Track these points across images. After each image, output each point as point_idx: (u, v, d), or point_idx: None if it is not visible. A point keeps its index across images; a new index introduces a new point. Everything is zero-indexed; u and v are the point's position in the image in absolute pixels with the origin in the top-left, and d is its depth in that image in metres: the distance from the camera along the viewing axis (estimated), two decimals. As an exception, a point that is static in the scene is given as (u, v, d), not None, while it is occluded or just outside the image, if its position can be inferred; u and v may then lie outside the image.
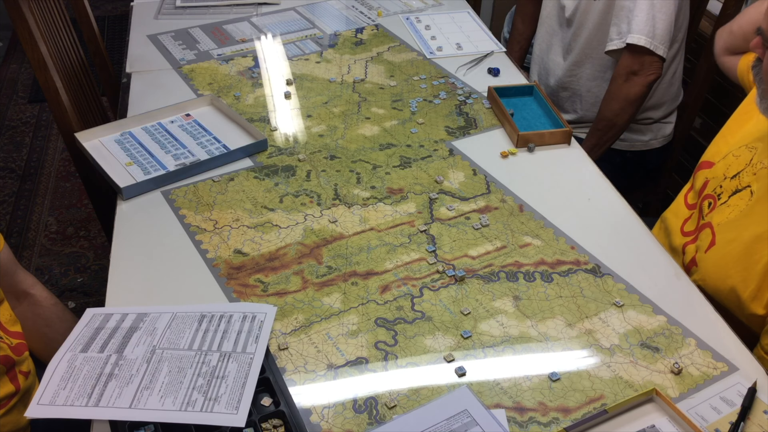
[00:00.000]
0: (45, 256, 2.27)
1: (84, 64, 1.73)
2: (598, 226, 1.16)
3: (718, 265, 1.05)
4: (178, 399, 0.85)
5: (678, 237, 1.22)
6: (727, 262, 1.04)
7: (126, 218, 1.17)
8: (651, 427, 0.85)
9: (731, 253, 1.04)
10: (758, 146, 1.10)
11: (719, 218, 1.09)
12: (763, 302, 0.98)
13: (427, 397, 0.88)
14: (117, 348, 0.92)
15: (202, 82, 1.55)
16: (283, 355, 0.94)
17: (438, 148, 1.35)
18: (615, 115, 1.60)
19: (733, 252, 1.04)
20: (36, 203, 2.51)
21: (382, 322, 0.99)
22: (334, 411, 0.86)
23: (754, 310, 0.99)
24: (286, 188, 1.24)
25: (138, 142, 1.33)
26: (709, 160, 1.20)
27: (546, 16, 1.81)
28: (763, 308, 0.98)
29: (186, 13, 1.86)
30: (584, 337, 0.97)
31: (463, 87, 1.54)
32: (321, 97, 1.51)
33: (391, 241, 1.13)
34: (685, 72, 1.79)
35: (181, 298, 1.02)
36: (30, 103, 3.08)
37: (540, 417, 0.86)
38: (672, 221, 1.25)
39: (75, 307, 2.07)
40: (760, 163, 1.08)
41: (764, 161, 1.07)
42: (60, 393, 0.86)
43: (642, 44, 1.50)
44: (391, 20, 1.84)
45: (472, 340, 0.96)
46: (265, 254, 1.10)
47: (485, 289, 1.04)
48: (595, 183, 1.27)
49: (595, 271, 1.07)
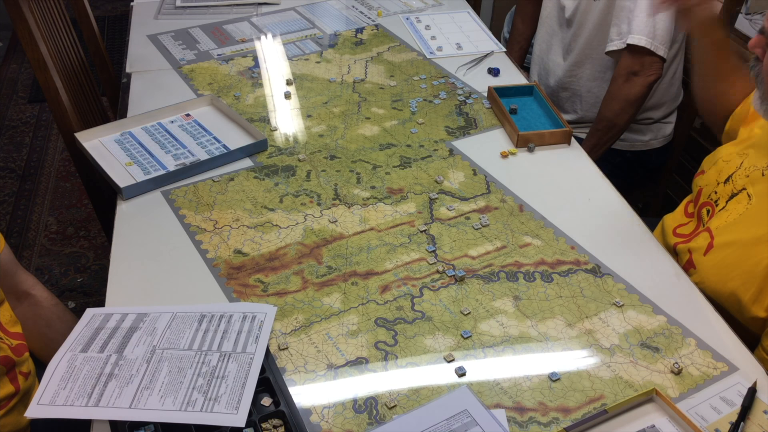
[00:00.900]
0: (45, 256, 2.27)
1: (84, 64, 1.73)
2: (598, 226, 1.16)
3: (718, 269, 1.05)
4: (178, 399, 0.85)
5: (670, 237, 1.23)
6: (726, 265, 1.04)
7: (126, 218, 1.17)
8: (651, 427, 0.85)
9: (731, 256, 1.04)
10: (749, 152, 1.11)
11: (718, 222, 1.09)
12: (764, 305, 0.98)
13: (427, 397, 0.88)
14: (117, 348, 0.92)
15: (202, 82, 1.55)
16: (283, 355, 0.94)
17: (438, 148, 1.35)
18: (615, 116, 1.60)
19: (733, 255, 1.04)
20: (36, 203, 2.51)
21: (382, 322, 0.99)
22: (334, 411, 0.86)
23: (756, 313, 0.99)
24: (286, 188, 1.24)
25: (138, 142, 1.33)
26: (703, 168, 1.21)
27: (546, 17, 1.81)
28: (765, 311, 0.98)
29: (186, 13, 1.86)
30: (584, 337, 0.97)
31: (463, 87, 1.54)
32: (321, 97, 1.51)
33: (391, 241, 1.13)
34: (685, 72, 1.79)
35: (181, 298, 1.02)
36: (30, 103, 3.08)
37: (540, 417, 0.86)
38: (668, 224, 1.25)
39: (75, 307, 2.07)
40: (753, 166, 1.08)
41: (757, 164, 1.07)
42: (60, 393, 0.86)
43: (642, 45, 1.50)
44: (391, 20, 1.84)
45: (472, 340, 0.96)
46: (265, 254, 1.10)
47: (485, 289, 1.04)
48: (595, 183, 1.27)
49: (595, 271, 1.07)
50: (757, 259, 1.00)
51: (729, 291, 1.02)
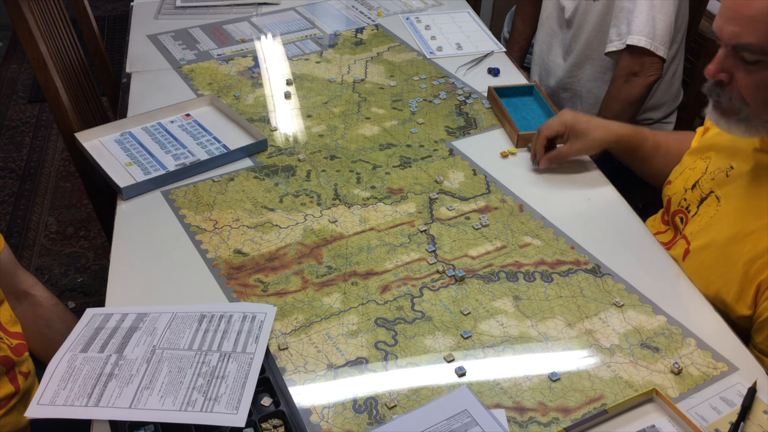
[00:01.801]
0: (45, 256, 2.27)
1: (84, 64, 1.73)
2: (598, 226, 1.16)
3: (698, 272, 1.05)
4: (178, 399, 0.85)
5: None
6: (705, 267, 1.04)
7: (126, 218, 1.17)
8: (651, 427, 0.85)
9: (708, 259, 1.04)
10: (711, 155, 1.11)
11: (691, 228, 1.10)
12: (747, 303, 0.98)
13: (427, 397, 0.88)
14: (117, 348, 0.92)
15: (202, 82, 1.55)
16: (283, 355, 0.94)
17: (438, 148, 1.35)
18: (615, 116, 1.59)
19: (710, 258, 1.03)
20: (36, 203, 2.51)
21: (382, 322, 0.99)
22: (334, 411, 0.86)
23: (741, 311, 0.98)
24: (286, 188, 1.24)
25: (138, 142, 1.33)
26: (669, 178, 1.21)
27: (546, 17, 1.81)
28: (748, 308, 0.98)
29: (186, 13, 1.86)
30: (584, 337, 0.97)
31: (463, 87, 1.54)
32: (321, 97, 1.51)
33: (391, 241, 1.13)
34: (685, 72, 1.80)
35: (181, 298, 1.02)
36: (30, 103, 3.08)
37: (540, 417, 0.86)
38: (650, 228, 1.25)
39: (75, 307, 2.07)
40: (718, 169, 1.08)
41: (720, 166, 1.08)
42: (60, 393, 0.86)
43: (642, 45, 1.50)
44: (391, 20, 1.84)
45: (472, 340, 0.96)
46: (265, 254, 1.10)
47: (485, 289, 1.04)
48: (595, 183, 1.27)
49: (595, 271, 1.07)
50: (734, 259, 0.99)
51: (713, 293, 1.02)
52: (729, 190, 1.05)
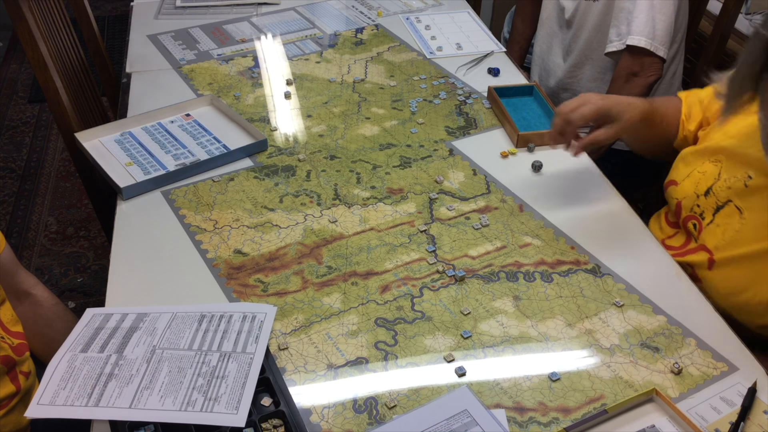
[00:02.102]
0: (45, 256, 2.28)
1: (84, 64, 1.73)
2: (598, 226, 1.16)
3: (726, 282, 1.06)
4: (178, 399, 0.85)
5: None
6: (735, 277, 1.04)
7: (126, 218, 1.17)
8: (651, 427, 0.85)
9: (737, 270, 1.04)
10: (722, 159, 1.10)
11: (713, 240, 1.09)
12: None
13: (427, 397, 0.88)
14: (117, 348, 0.92)
15: (202, 82, 1.55)
16: (283, 355, 0.94)
17: (438, 148, 1.35)
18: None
19: (740, 269, 1.04)
20: (36, 203, 2.51)
21: (382, 322, 0.99)
22: (334, 411, 0.86)
23: None
24: (286, 188, 1.24)
25: (138, 142, 1.33)
26: (674, 179, 1.20)
27: (546, 18, 1.82)
28: None
29: (186, 13, 1.86)
30: (584, 337, 0.97)
31: (463, 87, 1.54)
32: (321, 97, 1.51)
33: (391, 241, 1.13)
34: (685, 72, 1.80)
35: (181, 298, 1.02)
36: (30, 103, 3.08)
37: (540, 417, 0.86)
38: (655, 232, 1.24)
39: (75, 307, 2.07)
40: (733, 177, 1.07)
41: (736, 175, 1.07)
42: (60, 393, 0.86)
43: (642, 45, 1.50)
44: (391, 20, 1.84)
45: (472, 340, 0.96)
46: (265, 254, 1.10)
47: (485, 289, 1.04)
48: (595, 183, 1.27)
49: (595, 271, 1.07)
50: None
51: (742, 302, 1.03)
52: (753, 203, 1.05)
